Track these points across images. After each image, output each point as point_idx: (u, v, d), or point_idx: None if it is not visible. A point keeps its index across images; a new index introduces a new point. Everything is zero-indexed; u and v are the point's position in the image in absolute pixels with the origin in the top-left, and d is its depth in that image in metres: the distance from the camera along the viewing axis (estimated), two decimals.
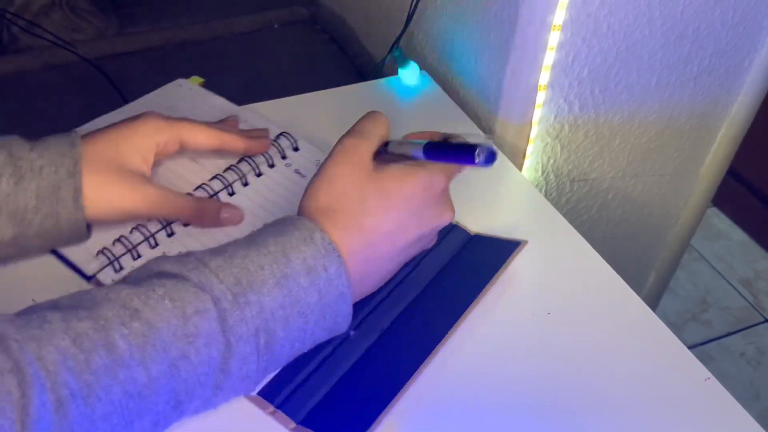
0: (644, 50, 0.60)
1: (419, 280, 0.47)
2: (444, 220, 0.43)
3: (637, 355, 0.44)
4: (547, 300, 0.47)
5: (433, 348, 0.42)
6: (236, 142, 0.52)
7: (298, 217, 0.40)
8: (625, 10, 0.56)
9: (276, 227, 0.39)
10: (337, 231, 0.39)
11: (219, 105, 0.61)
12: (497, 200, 0.55)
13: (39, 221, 0.42)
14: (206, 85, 0.64)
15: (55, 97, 0.75)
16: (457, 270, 0.47)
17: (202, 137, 0.50)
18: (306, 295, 0.37)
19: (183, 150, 0.50)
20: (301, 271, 0.37)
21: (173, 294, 0.34)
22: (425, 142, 0.41)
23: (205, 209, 0.49)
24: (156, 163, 0.49)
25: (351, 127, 0.44)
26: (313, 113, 0.63)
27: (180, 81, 0.65)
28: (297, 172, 0.55)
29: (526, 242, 0.48)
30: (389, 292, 0.46)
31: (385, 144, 0.43)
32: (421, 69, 0.68)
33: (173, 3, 0.91)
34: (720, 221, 1.59)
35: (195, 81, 0.66)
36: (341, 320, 0.39)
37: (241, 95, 0.63)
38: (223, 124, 0.56)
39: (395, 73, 0.68)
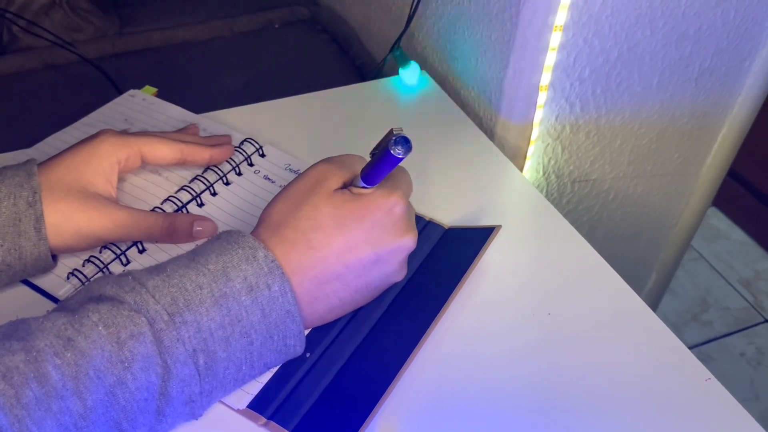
0: (645, 51, 0.60)
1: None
2: (403, 244, 0.41)
3: (638, 355, 0.44)
4: (548, 300, 0.47)
5: (417, 343, 0.42)
6: (199, 152, 0.51)
7: (242, 235, 0.38)
8: (627, 11, 0.56)
9: (220, 243, 0.38)
10: (285, 246, 0.38)
11: (176, 115, 0.60)
12: (498, 201, 0.55)
13: (1, 256, 0.41)
14: (207, 86, 0.64)
15: (55, 96, 0.75)
16: (434, 264, 0.47)
17: (163, 150, 0.49)
18: (248, 314, 0.36)
19: (145, 164, 0.50)
20: (241, 289, 0.36)
21: (107, 320, 0.33)
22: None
23: (177, 225, 0.48)
24: (119, 179, 0.49)
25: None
26: (313, 113, 0.63)
27: (132, 92, 0.63)
28: (266, 178, 0.54)
29: (499, 227, 0.49)
30: None
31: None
32: (421, 69, 0.68)
33: (174, 3, 0.91)
34: (720, 221, 1.59)
35: (148, 91, 0.64)
36: (292, 341, 0.38)
37: (241, 95, 0.63)
38: (184, 132, 0.55)
39: (396, 73, 0.68)
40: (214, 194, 0.52)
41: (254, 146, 0.55)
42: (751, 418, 0.40)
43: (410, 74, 0.67)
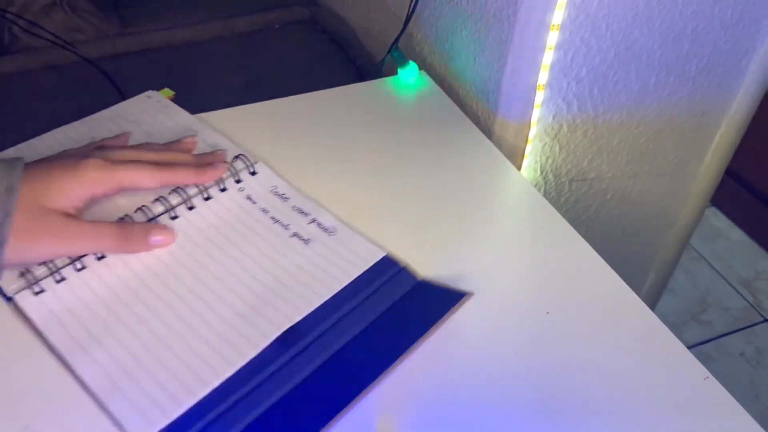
0: (643, 50, 0.60)
1: (355, 324, 0.45)
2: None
3: (636, 354, 0.44)
4: (546, 300, 0.47)
5: (358, 394, 0.40)
6: (184, 178, 0.50)
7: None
8: (624, 10, 0.56)
9: None
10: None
11: (184, 122, 0.59)
12: (496, 200, 0.55)
13: None
14: (207, 86, 0.64)
15: (55, 97, 0.75)
16: (397, 317, 0.45)
17: (145, 183, 0.49)
18: None
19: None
20: None
21: None
22: None
23: (130, 234, 0.46)
24: None
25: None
26: (313, 113, 0.63)
27: (150, 93, 0.63)
28: (249, 198, 0.53)
29: (471, 294, 0.46)
30: (325, 330, 0.44)
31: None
32: (420, 69, 0.69)
33: (174, 3, 0.91)
34: (719, 221, 1.59)
35: (165, 94, 0.64)
36: None
37: (241, 95, 0.63)
38: (176, 150, 0.54)
39: (395, 73, 0.69)
40: (190, 208, 0.51)
41: (245, 163, 0.54)
42: (750, 418, 0.40)
43: (409, 74, 0.68)
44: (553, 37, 0.56)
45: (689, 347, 0.46)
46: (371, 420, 0.39)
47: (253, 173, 0.54)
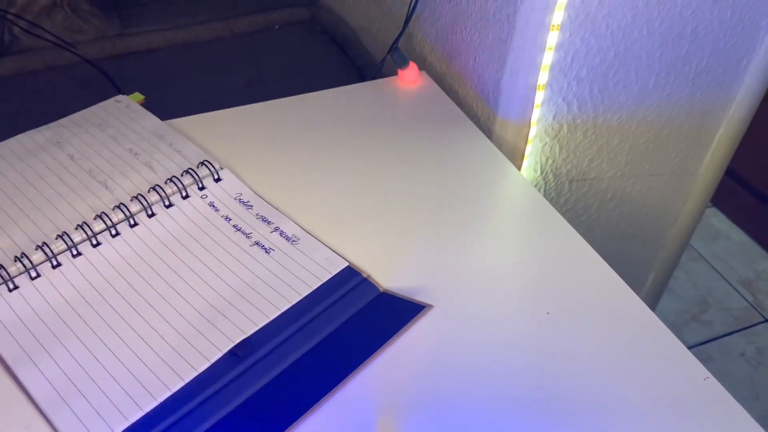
0: (642, 50, 0.60)
1: (318, 331, 0.44)
2: None
3: (637, 355, 0.44)
4: (547, 300, 0.47)
5: (312, 406, 0.40)
6: None
7: None
8: (624, 10, 0.56)
9: None
10: None
11: (150, 127, 0.59)
12: (496, 200, 0.55)
13: None
14: (207, 87, 0.64)
15: (56, 97, 0.75)
16: (356, 328, 0.45)
17: None
18: None
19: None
20: None
21: None
22: None
23: None
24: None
25: None
26: (313, 113, 0.63)
27: (119, 97, 0.63)
28: (212, 205, 0.52)
29: (430, 306, 0.46)
30: (280, 343, 0.43)
31: None
32: (420, 69, 0.69)
33: (174, 4, 0.91)
34: (719, 221, 1.59)
35: (136, 98, 0.64)
36: None
37: (241, 95, 0.63)
38: None
39: (395, 73, 0.69)
40: (151, 215, 0.50)
41: (209, 169, 0.53)
42: (751, 418, 0.40)
43: (409, 74, 0.68)
44: (553, 38, 0.56)
45: (689, 347, 0.46)
46: (371, 420, 0.39)
47: (218, 180, 0.53)
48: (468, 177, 0.57)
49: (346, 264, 0.48)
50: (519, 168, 0.65)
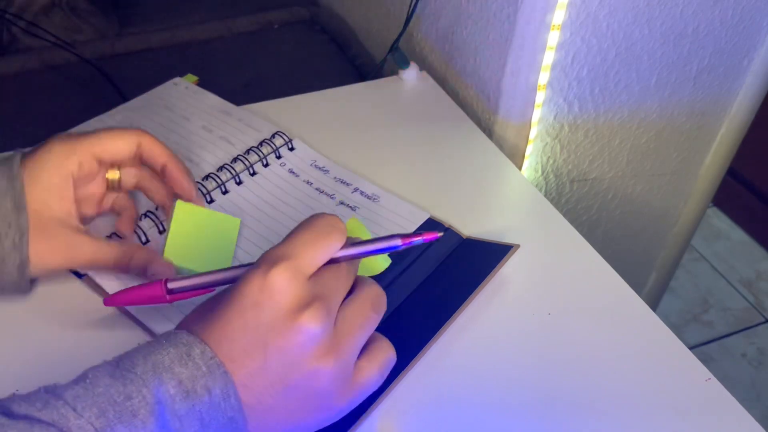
0: (644, 50, 0.60)
1: (408, 284, 0.46)
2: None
3: (638, 355, 0.43)
4: (548, 300, 0.47)
5: (419, 352, 0.42)
6: (156, 149, 0.46)
7: (174, 331, 0.33)
8: (625, 10, 0.56)
9: (148, 344, 0.32)
10: (226, 343, 0.32)
11: (214, 104, 0.62)
12: (497, 200, 0.55)
13: None
14: (207, 86, 0.64)
15: (55, 97, 0.75)
16: (446, 274, 0.47)
17: (117, 145, 0.44)
18: (183, 424, 0.30)
19: (103, 166, 0.45)
20: (176, 395, 0.30)
21: None
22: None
23: (131, 264, 0.43)
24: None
25: (289, 244, 0.33)
26: (313, 113, 0.63)
27: (176, 80, 0.65)
28: (291, 172, 0.55)
29: (518, 246, 0.48)
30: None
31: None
32: (420, 69, 0.68)
33: (173, 4, 0.91)
34: (720, 221, 1.59)
35: (190, 79, 0.67)
36: None
37: (241, 95, 0.63)
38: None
39: (395, 73, 0.68)
40: (239, 183, 0.54)
41: (283, 139, 0.57)
42: (752, 419, 0.40)
43: (409, 74, 0.67)
44: (553, 37, 0.56)
45: (690, 348, 0.46)
46: (372, 420, 0.39)
47: (292, 149, 0.57)
48: (468, 177, 0.57)
49: (428, 216, 0.51)
50: (520, 168, 0.65)
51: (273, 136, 0.57)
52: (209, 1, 0.92)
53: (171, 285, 0.37)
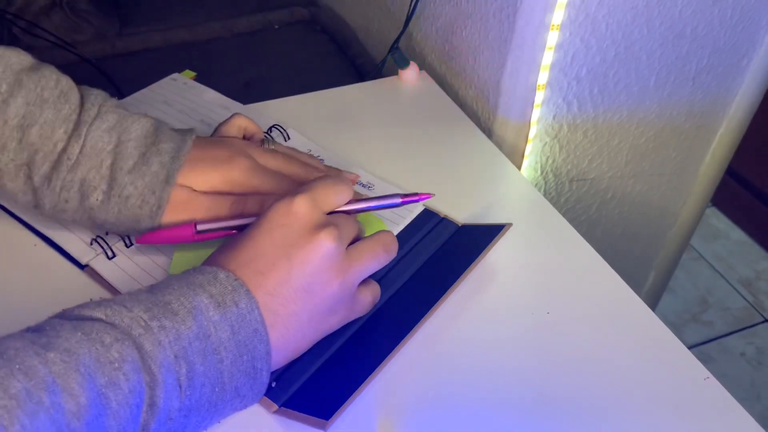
0: (643, 50, 0.60)
1: (405, 270, 0.47)
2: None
3: (637, 355, 0.44)
4: (546, 300, 0.47)
5: (413, 327, 0.43)
6: (251, 126, 0.51)
7: (198, 267, 0.38)
8: (624, 10, 0.56)
9: (176, 276, 0.37)
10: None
11: (213, 99, 0.62)
12: (496, 200, 0.55)
13: (115, 228, 0.45)
14: (207, 86, 0.65)
15: None
16: (442, 258, 0.48)
17: (232, 130, 0.51)
18: (217, 330, 0.35)
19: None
20: (209, 304, 0.35)
21: (84, 328, 0.31)
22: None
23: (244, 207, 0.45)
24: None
25: (309, 185, 0.41)
26: (313, 113, 0.63)
27: (174, 76, 0.66)
28: None
29: (510, 225, 0.49)
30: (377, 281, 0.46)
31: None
32: (420, 69, 0.69)
33: (173, 3, 0.91)
34: (719, 221, 1.59)
35: (188, 75, 0.66)
36: (260, 365, 0.36)
37: (241, 95, 0.63)
38: (305, 159, 0.52)
39: (395, 73, 0.69)
40: None
41: (279, 131, 0.59)
42: (751, 418, 0.40)
43: (409, 74, 0.68)
44: (553, 37, 0.56)
45: (690, 347, 0.46)
46: (372, 420, 0.39)
47: (287, 139, 0.59)
48: (468, 177, 0.57)
49: (423, 207, 0.52)
50: (519, 168, 0.65)
51: (270, 129, 0.59)
52: (209, 1, 0.92)
53: (200, 227, 0.43)
